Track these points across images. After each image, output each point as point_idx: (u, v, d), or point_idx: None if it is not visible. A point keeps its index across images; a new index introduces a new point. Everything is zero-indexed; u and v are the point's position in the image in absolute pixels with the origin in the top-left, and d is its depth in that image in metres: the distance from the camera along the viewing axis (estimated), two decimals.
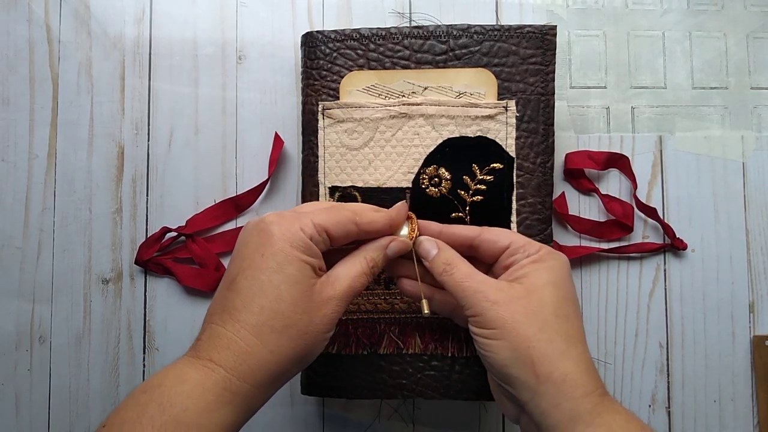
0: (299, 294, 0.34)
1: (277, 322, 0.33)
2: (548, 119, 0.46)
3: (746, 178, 0.53)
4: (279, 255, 0.34)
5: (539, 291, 0.35)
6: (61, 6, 0.54)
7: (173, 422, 0.30)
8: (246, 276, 0.34)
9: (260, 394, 0.33)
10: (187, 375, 0.32)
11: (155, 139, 0.53)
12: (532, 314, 0.34)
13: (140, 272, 0.53)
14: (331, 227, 0.36)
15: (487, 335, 0.35)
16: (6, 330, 0.52)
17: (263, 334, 0.33)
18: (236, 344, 0.32)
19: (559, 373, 0.33)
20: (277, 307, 0.33)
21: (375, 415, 0.52)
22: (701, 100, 0.54)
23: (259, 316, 0.33)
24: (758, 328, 0.52)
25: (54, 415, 0.52)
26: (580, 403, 0.32)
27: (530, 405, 0.34)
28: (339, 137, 0.46)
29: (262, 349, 0.32)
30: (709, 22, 0.55)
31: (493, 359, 0.35)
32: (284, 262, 0.34)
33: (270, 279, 0.34)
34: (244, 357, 0.32)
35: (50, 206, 0.53)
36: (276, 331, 0.33)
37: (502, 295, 0.35)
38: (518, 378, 0.34)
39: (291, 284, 0.34)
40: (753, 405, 0.52)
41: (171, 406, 0.30)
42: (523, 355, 0.33)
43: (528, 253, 0.37)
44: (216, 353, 0.32)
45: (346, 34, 0.47)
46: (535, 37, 0.46)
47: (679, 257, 0.53)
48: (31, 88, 0.53)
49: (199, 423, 0.30)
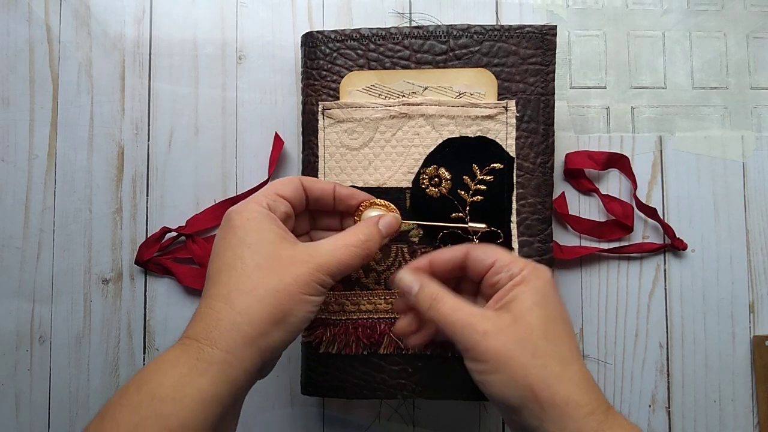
0: (264, 257, 0.34)
1: (243, 284, 0.33)
2: (548, 119, 0.46)
3: (746, 178, 0.53)
4: (238, 231, 0.35)
5: (526, 316, 0.34)
6: (61, 6, 0.54)
7: (148, 398, 0.30)
8: (214, 260, 0.35)
9: (238, 361, 0.32)
10: (164, 354, 0.32)
11: (155, 139, 0.53)
12: (522, 341, 0.34)
13: (140, 272, 0.53)
14: (283, 190, 0.38)
15: (483, 369, 0.34)
16: (6, 330, 0.52)
17: (231, 298, 0.33)
18: (208, 315, 0.33)
19: (561, 396, 0.32)
20: (243, 271, 0.34)
21: (375, 415, 0.52)
22: (701, 100, 0.54)
23: (227, 285, 0.34)
24: (758, 328, 0.52)
25: (54, 415, 0.52)
26: (586, 422, 0.32)
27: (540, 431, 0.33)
28: (339, 137, 0.46)
29: (231, 312, 0.33)
30: (709, 22, 0.55)
31: (493, 392, 0.34)
32: (243, 234, 0.35)
33: (234, 253, 0.35)
34: (215, 323, 0.32)
35: (50, 206, 0.53)
36: (243, 293, 0.33)
37: (490, 326, 0.34)
38: (523, 407, 0.33)
39: (254, 251, 0.34)
40: (753, 405, 0.52)
41: (147, 383, 0.30)
42: (522, 384, 0.33)
43: (511, 273, 0.36)
44: (191, 329, 0.33)
45: (346, 34, 0.47)
46: (535, 37, 0.46)
47: (679, 257, 0.53)
48: (31, 88, 0.53)
49: (174, 396, 0.30)
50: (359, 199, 0.42)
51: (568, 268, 0.52)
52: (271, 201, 0.37)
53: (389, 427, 0.52)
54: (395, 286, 0.40)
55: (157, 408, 0.29)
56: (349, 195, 0.42)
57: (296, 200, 0.39)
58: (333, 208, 0.42)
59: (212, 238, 0.52)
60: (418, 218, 0.45)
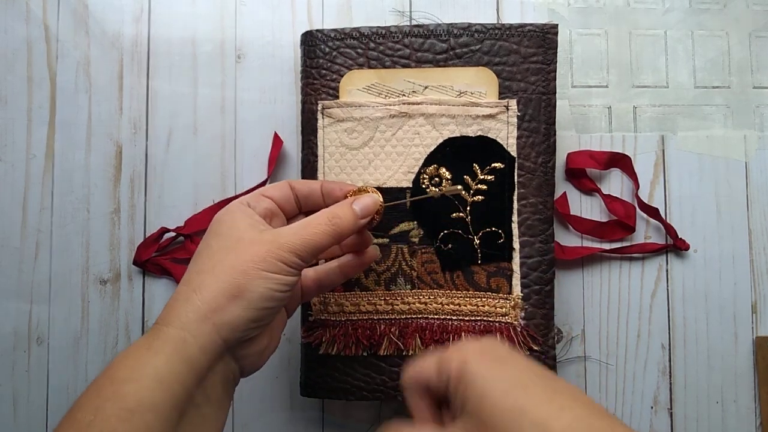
0: (230, 241, 0.35)
1: (204, 265, 0.34)
2: (549, 118, 0.46)
3: (749, 177, 0.53)
4: (214, 224, 0.36)
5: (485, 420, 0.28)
6: (59, 5, 0.53)
7: (109, 381, 0.30)
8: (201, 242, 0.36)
9: (192, 339, 0.31)
10: (141, 339, 0.33)
11: (153, 139, 0.53)
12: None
13: (138, 273, 0.52)
14: (268, 191, 0.38)
15: None
16: (4, 331, 0.52)
17: (190, 280, 0.34)
18: (181, 297, 0.33)
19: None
20: (207, 255, 0.35)
21: (374, 417, 0.52)
22: (703, 99, 0.54)
23: (191, 270, 0.35)
24: (761, 328, 0.52)
25: (52, 415, 0.51)
26: None
27: None
28: (339, 137, 0.46)
29: (187, 290, 0.33)
30: (711, 21, 0.54)
31: None
32: (217, 226, 0.36)
33: (205, 242, 0.36)
34: (172, 303, 0.33)
35: (48, 206, 0.52)
36: (202, 273, 0.34)
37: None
38: None
39: (222, 238, 0.35)
40: (755, 406, 0.52)
41: (109, 368, 0.31)
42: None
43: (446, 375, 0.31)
44: (166, 312, 0.33)
45: (346, 33, 0.47)
46: (536, 35, 0.46)
47: (682, 257, 0.53)
48: (28, 88, 0.53)
49: (131, 377, 0.30)
50: (345, 189, 0.40)
51: (570, 268, 0.52)
52: (252, 200, 0.38)
53: None
54: None
55: (116, 389, 0.30)
56: (336, 187, 0.41)
57: (282, 200, 0.39)
58: (324, 204, 0.40)
59: None
60: (419, 218, 0.45)
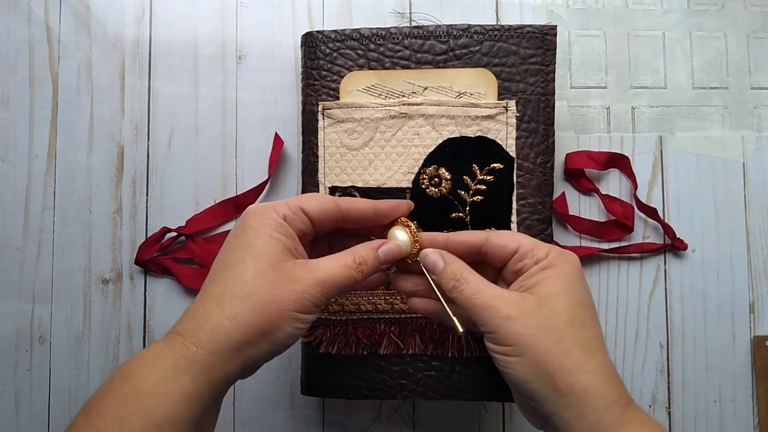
0: (265, 266, 0.34)
1: (238, 290, 0.33)
2: (548, 119, 0.46)
3: (746, 178, 0.53)
4: (249, 232, 0.35)
5: (552, 301, 0.34)
6: (60, 6, 0.54)
7: (132, 393, 0.30)
8: (220, 254, 0.35)
9: (220, 364, 0.32)
10: (150, 348, 0.32)
11: (155, 139, 0.53)
12: (547, 327, 0.33)
13: (140, 272, 0.53)
14: (308, 205, 0.36)
15: (505, 351, 0.34)
16: (6, 330, 0.52)
17: (224, 301, 0.33)
18: (197, 312, 0.33)
19: (581, 385, 0.32)
20: (240, 276, 0.33)
21: (375, 415, 0.52)
22: (701, 100, 0.54)
23: (223, 286, 0.33)
24: (758, 328, 0.52)
25: (54, 415, 0.52)
26: (604, 414, 0.32)
27: (554, 418, 0.33)
28: (339, 137, 0.46)
29: (221, 315, 0.32)
30: (709, 22, 0.55)
31: (514, 375, 0.34)
32: (252, 237, 0.34)
33: (238, 254, 0.34)
34: (202, 323, 0.32)
35: (50, 206, 0.53)
36: (236, 299, 0.33)
37: (515, 310, 0.34)
38: (540, 392, 0.33)
39: (257, 257, 0.34)
40: (753, 405, 0.52)
41: (131, 377, 0.31)
42: (543, 370, 0.33)
43: (537, 258, 0.36)
44: (179, 325, 0.33)
45: (346, 34, 0.47)
46: (535, 37, 0.46)
47: (680, 257, 0.53)
48: (30, 88, 0.53)
49: (157, 392, 0.30)
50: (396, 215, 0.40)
51: None
52: (291, 213, 0.36)
53: (389, 428, 0.52)
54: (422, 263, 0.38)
55: (142, 403, 0.29)
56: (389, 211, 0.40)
57: (319, 219, 0.37)
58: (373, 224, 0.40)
59: (212, 238, 0.52)
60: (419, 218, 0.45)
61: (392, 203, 0.40)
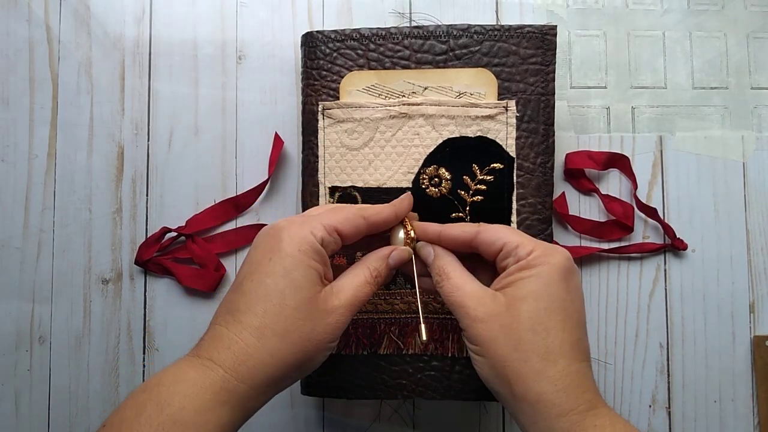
0: (303, 300, 0.34)
1: (278, 325, 0.33)
2: (548, 119, 0.46)
3: (746, 178, 0.53)
4: (286, 259, 0.34)
5: (517, 305, 0.34)
6: (60, 6, 0.53)
7: (170, 421, 0.30)
8: (252, 279, 0.34)
9: (257, 397, 0.33)
10: (185, 374, 0.32)
11: (155, 139, 0.53)
12: (508, 332, 0.34)
13: (140, 272, 0.53)
14: (341, 225, 0.36)
15: (473, 350, 0.35)
16: (6, 330, 0.52)
17: (264, 336, 0.33)
18: (237, 345, 0.33)
19: (534, 393, 0.33)
20: (280, 311, 0.33)
21: (375, 415, 0.52)
22: (701, 100, 0.54)
23: (262, 319, 0.33)
24: (758, 328, 0.52)
25: (54, 415, 0.52)
26: (556, 422, 0.32)
27: (514, 418, 0.35)
28: (339, 137, 0.46)
29: (262, 352, 0.32)
30: (709, 22, 0.55)
31: (480, 373, 0.36)
32: (291, 266, 0.34)
33: (275, 283, 0.34)
34: (244, 358, 0.32)
35: (50, 206, 0.53)
36: (277, 335, 0.33)
37: (482, 312, 0.34)
38: (500, 394, 0.35)
39: (295, 289, 0.33)
40: (753, 405, 0.52)
41: (168, 405, 0.30)
42: (501, 374, 0.34)
43: (518, 257, 0.36)
44: (216, 353, 0.32)
45: (346, 34, 0.47)
46: (535, 37, 0.46)
47: (680, 257, 0.53)
48: (30, 88, 0.53)
49: (196, 422, 0.30)
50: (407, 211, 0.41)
51: None
52: (327, 235, 0.35)
53: (389, 428, 0.52)
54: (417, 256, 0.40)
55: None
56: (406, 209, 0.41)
57: (350, 237, 0.37)
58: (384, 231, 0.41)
59: (212, 238, 0.52)
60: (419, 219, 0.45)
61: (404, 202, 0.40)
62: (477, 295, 0.35)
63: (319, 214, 0.37)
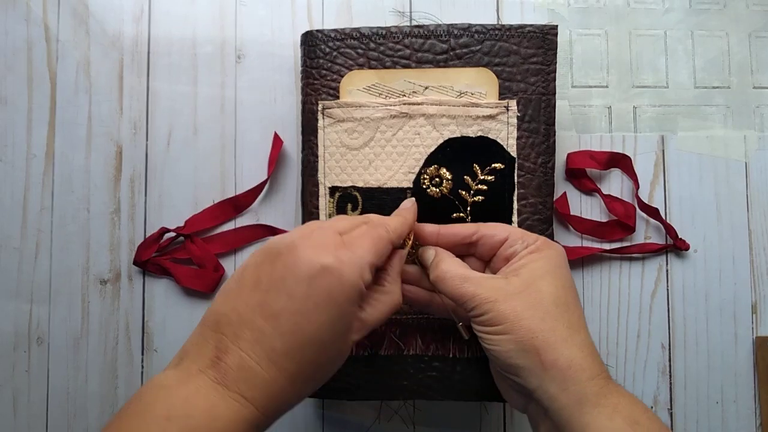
0: (340, 346, 0.34)
1: (313, 373, 0.34)
2: (549, 119, 0.46)
3: (749, 178, 0.53)
4: (333, 311, 0.33)
5: (538, 282, 0.37)
6: (59, 5, 0.53)
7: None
8: (294, 321, 0.32)
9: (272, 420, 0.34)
10: (219, 410, 0.31)
11: (154, 139, 0.53)
12: (532, 306, 0.36)
13: (138, 273, 0.52)
14: (379, 261, 0.36)
15: (492, 332, 0.36)
16: (4, 331, 0.52)
17: (297, 381, 0.33)
18: (271, 388, 0.32)
19: (564, 359, 0.34)
20: (317, 359, 0.33)
21: (375, 416, 0.52)
22: (703, 99, 0.54)
23: (299, 366, 0.32)
24: (761, 328, 0.52)
25: (52, 416, 0.51)
26: (587, 386, 0.34)
27: (538, 392, 0.35)
28: (339, 137, 0.46)
29: (292, 394, 0.33)
30: (711, 21, 0.54)
31: (499, 352, 0.36)
32: (337, 318, 0.33)
33: (319, 333, 0.32)
34: (275, 398, 0.32)
35: (48, 206, 0.52)
36: (311, 380, 0.34)
37: (501, 293, 0.36)
38: (525, 367, 0.35)
39: (335, 339, 0.33)
40: (755, 406, 0.52)
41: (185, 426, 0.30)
42: (528, 346, 0.35)
43: (526, 243, 0.39)
44: (250, 392, 0.32)
45: (346, 33, 0.47)
46: (536, 36, 0.46)
47: (682, 258, 0.53)
48: (29, 88, 0.53)
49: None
50: None
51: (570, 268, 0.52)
52: (371, 269, 0.35)
53: (389, 428, 0.52)
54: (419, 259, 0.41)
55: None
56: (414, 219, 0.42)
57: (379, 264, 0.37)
58: None
59: (211, 238, 0.52)
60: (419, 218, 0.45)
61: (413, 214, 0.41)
62: (488, 282, 0.37)
63: (361, 247, 0.35)
